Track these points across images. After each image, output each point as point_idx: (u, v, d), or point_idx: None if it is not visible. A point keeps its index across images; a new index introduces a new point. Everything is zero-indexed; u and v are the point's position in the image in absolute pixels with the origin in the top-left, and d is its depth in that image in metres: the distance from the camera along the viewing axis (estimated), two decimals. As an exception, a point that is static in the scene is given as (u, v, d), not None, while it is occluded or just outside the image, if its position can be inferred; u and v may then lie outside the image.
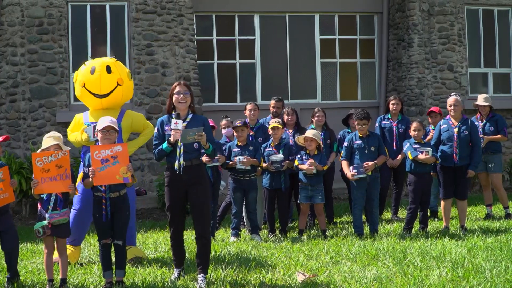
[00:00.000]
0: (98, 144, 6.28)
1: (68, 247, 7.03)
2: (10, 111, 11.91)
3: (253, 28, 13.54)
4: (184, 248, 6.67)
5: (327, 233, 8.81)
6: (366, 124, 8.63)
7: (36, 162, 6.15)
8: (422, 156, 8.58)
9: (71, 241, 7.21)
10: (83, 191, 7.14)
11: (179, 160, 6.24)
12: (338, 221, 10.10)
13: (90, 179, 6.13)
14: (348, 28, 14.07)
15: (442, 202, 8.96)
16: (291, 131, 9.54)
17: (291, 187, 9.28)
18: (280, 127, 8.97)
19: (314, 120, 9.63)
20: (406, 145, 8.83)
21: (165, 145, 6.28)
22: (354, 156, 8.67)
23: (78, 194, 7.17)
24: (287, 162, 8.85)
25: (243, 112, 9.70)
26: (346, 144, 8.80)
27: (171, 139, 6.21)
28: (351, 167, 8.59)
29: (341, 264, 7.03)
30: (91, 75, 7.44)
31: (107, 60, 7.63)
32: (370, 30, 14.23)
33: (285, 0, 13.61)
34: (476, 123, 9.80)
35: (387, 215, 10.40)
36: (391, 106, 10.12)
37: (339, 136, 9.93)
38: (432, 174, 8.92)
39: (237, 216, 8.83)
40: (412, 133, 8.82)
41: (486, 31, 14.11)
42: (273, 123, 9.00)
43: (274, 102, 9.87)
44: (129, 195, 6.50)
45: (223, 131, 9.34)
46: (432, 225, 9.29)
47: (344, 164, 8.77)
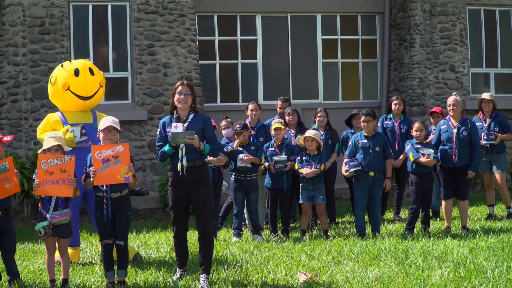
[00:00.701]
0: (87, 145, 6.36)
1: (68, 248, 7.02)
2: (12, 111, 11.91)
3: (255, 28, 13.52)
4: (187, 248, 6.67)
5: (329, 233, 8.81)
6: (370, 121, 8.62)
7: (41, 163, 6.15)
8: (423, 159, 8.58)
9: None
10: None
11: (181, 162, 6.24)
12: (340, 221, 10.09)
13: (91, 178, 6.14)
14: (350, 28, 14.05)
15: (443, 202, 8.96)
16: (293, 131, 9.53)
17: (293, 187, 9.28)
18: (283, 127, 8.96)
19: (316, 120, 9.62)
20: (408, 145, 8.82)
21: (167, 147, 6.30)
22: (357, 156, 8.66)
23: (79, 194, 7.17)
24: (290, 163, 8.84)
25: (244, 112, 9.69)
26: (350, 143, 8.80)
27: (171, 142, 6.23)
28: (343, 164, 8.61)
29: (343, 264, 7.02)
30: (76, 77, 7.54)
31: (87, 62, 7.79)
32: (372, 30, 14.21)
33: (287, 0, 13.59)
34: (479, 123, 9.80)
35: (389, 215, 10.40)
36: (393, 106, 10.12)
37: (342, 136, 9.92)
38: (433, 174, 8.92)
39: (238, 216, 8.82)
40: (414, 133, 8.81)
41: (488, 31, 14.09)
42: (275, 123, 8.98)
43: (280, 102, 9.87)
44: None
45: (223, 132, 9.31)
46: (434, 225, 9.29)
47: (345, 163, 8.78)
